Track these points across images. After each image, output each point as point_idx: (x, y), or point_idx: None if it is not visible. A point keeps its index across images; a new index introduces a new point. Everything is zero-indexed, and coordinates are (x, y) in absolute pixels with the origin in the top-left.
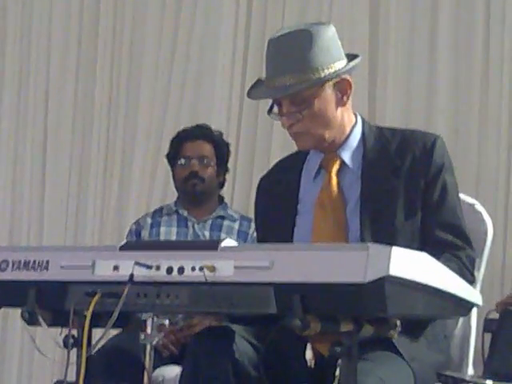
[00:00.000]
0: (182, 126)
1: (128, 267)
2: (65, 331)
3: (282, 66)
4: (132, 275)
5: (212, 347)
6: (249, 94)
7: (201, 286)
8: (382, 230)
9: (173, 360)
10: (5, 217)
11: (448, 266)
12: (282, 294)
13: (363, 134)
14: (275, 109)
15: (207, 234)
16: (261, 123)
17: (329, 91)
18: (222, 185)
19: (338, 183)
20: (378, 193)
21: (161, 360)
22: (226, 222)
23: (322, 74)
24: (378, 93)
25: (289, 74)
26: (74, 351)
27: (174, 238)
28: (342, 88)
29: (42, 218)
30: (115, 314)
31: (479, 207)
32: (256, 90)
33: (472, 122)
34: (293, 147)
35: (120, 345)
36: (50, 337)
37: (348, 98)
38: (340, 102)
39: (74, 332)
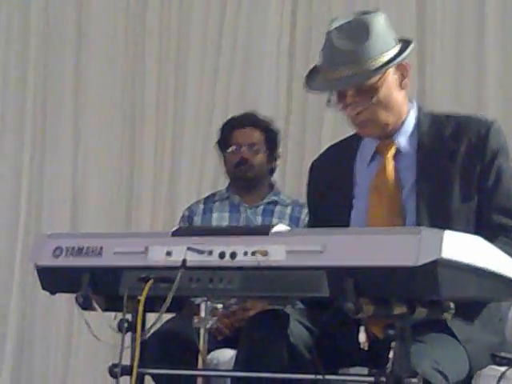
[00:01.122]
0: (231, 114)
1: (181, 252)
2: (119, 316)
3: (343, 57)
4: (185, 260)
5: (266, 330)
6: (309, 87)
7: (253, 271)
8: (439, 214)
9: (227, 343)
10: (65, 205)
11: (503, 248)
12: (334, 277)
13: (418, 119)
14: (333, 99)
15: (259, 219)
16: (311, 108)
17: (391, 77)
18: (272, 171)
19: (394, 168)
20: (434, 177)
21: (215, 343)
22: (277, 207)
23: (385, 60)
24: (428, 76)
25: (351, 64)
26: (128, 335)
27: (226, 223)
28: (402, 72)
29: (94, 206)
30: (169, 299)
31: None
32: (314, 81)
33: None
34: (343, 131)
35: (174, 329)
36: (104, 321)
37: (407, 82)
38: (401, 86)
39: (128, 316)
